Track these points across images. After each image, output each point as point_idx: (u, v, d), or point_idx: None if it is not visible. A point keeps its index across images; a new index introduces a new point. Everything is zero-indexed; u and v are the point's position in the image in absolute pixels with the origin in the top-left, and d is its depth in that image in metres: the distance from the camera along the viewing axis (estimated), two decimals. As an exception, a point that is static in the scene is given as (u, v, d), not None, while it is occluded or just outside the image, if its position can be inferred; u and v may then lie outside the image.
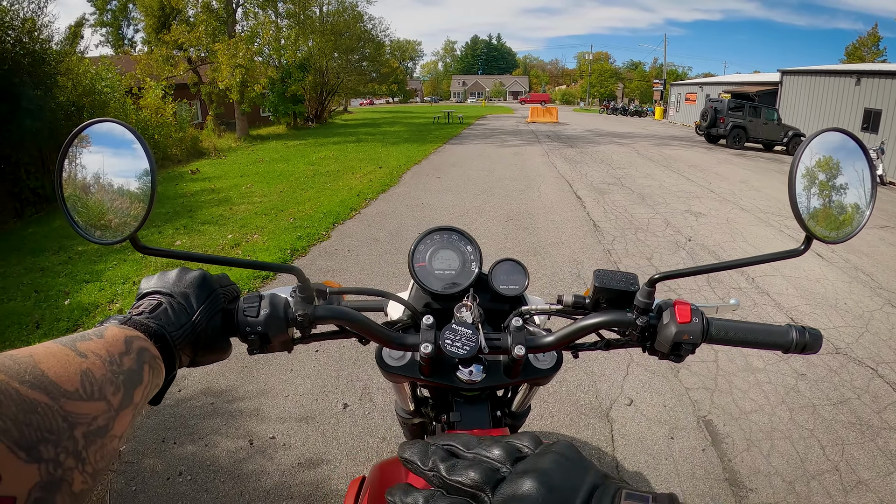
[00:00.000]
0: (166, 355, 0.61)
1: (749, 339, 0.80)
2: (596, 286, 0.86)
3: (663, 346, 0.80)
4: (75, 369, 0.46)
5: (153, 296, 0.68)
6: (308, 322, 0.78)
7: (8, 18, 9.37)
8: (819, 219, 0.71)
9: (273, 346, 0.77)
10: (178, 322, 0.65)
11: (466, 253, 1.04)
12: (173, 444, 2.95)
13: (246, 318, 0.74)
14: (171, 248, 0.69)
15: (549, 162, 14.55)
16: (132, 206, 0.68)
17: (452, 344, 0.79)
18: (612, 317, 0.82)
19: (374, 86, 41.89)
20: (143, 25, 26.97)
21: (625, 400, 3.32)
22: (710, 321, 0.79)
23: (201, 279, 0.70)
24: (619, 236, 6.99)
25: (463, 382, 0.87)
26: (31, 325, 4.53)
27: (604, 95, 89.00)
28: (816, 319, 4.53)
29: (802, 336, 0.79)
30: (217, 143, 19.08)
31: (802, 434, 3.04)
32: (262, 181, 11.54)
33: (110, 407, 0.48)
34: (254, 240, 6.87)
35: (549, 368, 0.92)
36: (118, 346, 0.54)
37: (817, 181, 0.70)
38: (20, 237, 7.77)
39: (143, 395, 0.55)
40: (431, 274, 1.01)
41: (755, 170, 14.60)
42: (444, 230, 1.06)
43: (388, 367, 0.91)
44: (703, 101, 29.85)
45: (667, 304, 0.81)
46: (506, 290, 1.01)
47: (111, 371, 0.50)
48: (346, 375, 3.58)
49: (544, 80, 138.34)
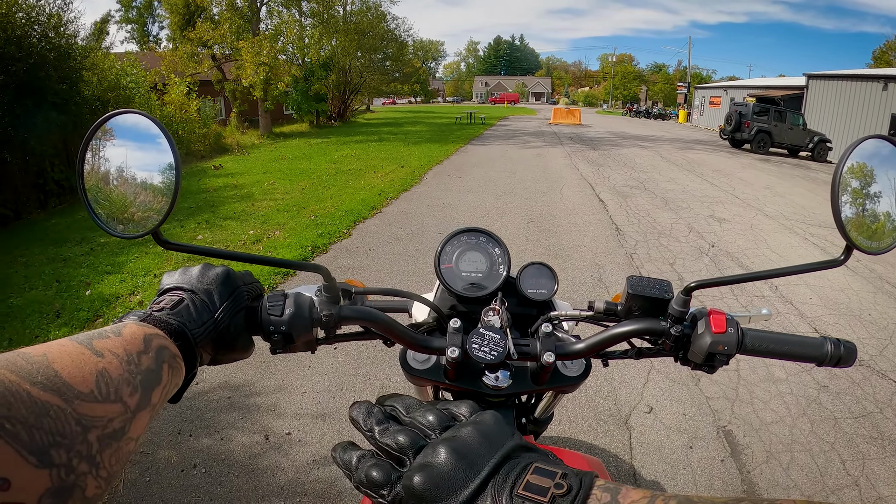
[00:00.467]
0: (187, 353, 0.60)
1: (783, 350, 0.77)
2: (629, 293, 0.84)
3: (697, 356, 0.77)
4: (91, 369, 0.45)
5: (175, 291, 0.66)
6: (333, 323, 0.77)
7: (34, 14, 9.53)
8: (859, 229, 0.68)
9: (297, 345, 0.76)
10: (200, 319, 0.63)
11: (494, 255, 1.02)
12: (189, 437, 2.98)
13: (270, 316, 0.73)
14: (194, 244, 0.68)
15: (571, 164, 14.47)
16: (155, 200, 0.66)
17: (480, 349, 0.77)
18: (645, 325, 0.80)
19: (397, 85, 41.94)
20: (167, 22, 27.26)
21: (644, 407, 3.28)
22: (745, 332, 0.76)
23: (225, 276, 0.69)
24: (642, 241, 6.92)
25: (489, 388, 0.85)
26: (51, 313, 4.59)
27: (627, 98, 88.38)
28: (840, 330, 4.45)
29: (837, 349, 0.76)
30: (240, 139, 19.26)
31: (823, 447, 2.98)
32: (285, 178, 11.61)
33: (126, 409, 0.47)
34: (275, 236, 6.92)
35: (577, 376, 0.90)
36: (136, 344, 0.52)
37: (860, 190, 0.68)
38: (43, 227, 7.91)
39: (161, 395, 0.53)
40: (458, 276, 1.00)
41: (780, 175, 14.40)
42: (471, 231, 1.04)
43: (413, 369, 0.89)
44: (728, 104, 29.49)
45: (701, 313, 0.79)
46: (534, 294, 0.99)
47: (128, 371, 0.49)
48: (363, 374, 3.59)
49: (567, 81, 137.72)
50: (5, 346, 4.05)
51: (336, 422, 3.10)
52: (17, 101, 8.81)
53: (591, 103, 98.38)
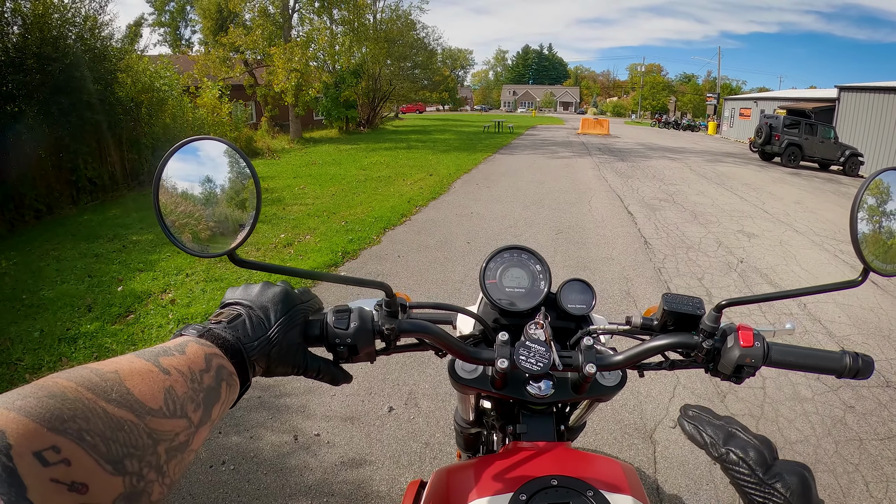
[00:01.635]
0: (241, 368, 0.64)
1: (805, 363, 0.83)
2: (665, 309, 0.90)
3: (726, 367, 0.83)
4: (159, 387, 0.50)
5: (235, 306, 0.71)
6: (394, 335, 0.83)
7: (70, 15, 9.82)
8: (877, 251, 0.74)
9: (360, 356, 0.82)
10: (255, 335, 0.67)
11: (536, 272, 1.09)
12: (219, 434, 3.05)
13: (336, 329, 0.79)
14: (266, 262, 0.74)
15: (599, 175, 14.44)
16: (231, 221, 0.71)
17: (527, 360, 0.82)
18: (679, 339, 0.86)
19: (426, 93, 42.20)
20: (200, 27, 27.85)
21: (669, 422, 3.29)
22: (770, 346, 0.82)
23: (283, 294, 0.73)
24: (671, 255, 6.90)
25: (532, 396, 0.91)
26: (83, 307, 4.72)
27: (655, 108, 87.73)
28: (868, 350, 4.39)
29: (856, 362, 0.82)
30: (271, 143, 19.49)
31: (847, 468, 2.96)
32: (315, 183, 11.77)
33: (191, 424, 0.52)
34: (306, 240, 7.03)
35: (614, 386, 0.96)
36: (199, 363, 0.57)
37: (879, 214, 0.73)
38: (76, 223, 8.11)
39: (220, 411, 0.58)
40: (501, 291, 1.06)
41: (810, 190, 14.20)
42: (514, 249, 1.11)
43: (461, 378, 0.95)
44: (758, 116, 29.09)
45: (730, 328, 0.85)
46: (574, 309, 1.06)
47: (192, 389, 0.54)
48: (392, 379, 3.65)
49: (595, 91, 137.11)
50: (36, 336, 4.19)
51: (364, 425, 3.16)
52: (53, 100, 9.07)
53: (619, 114, 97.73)
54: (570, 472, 0.80)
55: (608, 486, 0.77)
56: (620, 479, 0.80)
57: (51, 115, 9.09)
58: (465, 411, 1.24)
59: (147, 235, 7.02)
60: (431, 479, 0.93)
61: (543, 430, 0.98)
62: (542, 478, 0.78)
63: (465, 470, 0.87)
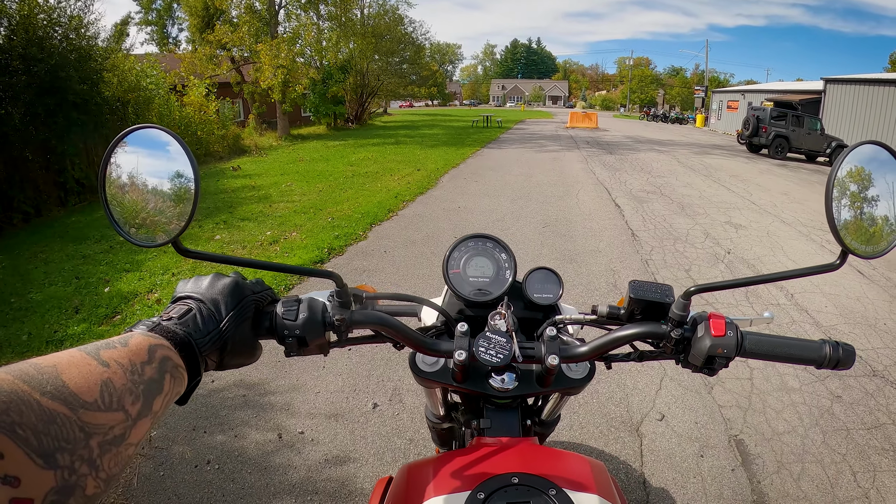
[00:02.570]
0: (191, 362, 0.63)
1: (782, 353, 0.80)
2: (631, 297, 0.86)
3: (697, 358, 0.80)
4: (96, 379, 0.48)
5: (186, 300, 0.69)
6: (345, 327, 0.80)
7: (56, 15, 9.71)
8: (855, 233, 0.70)
9: (310, 349, 0.79)
10: (206, 329, 0.67)
11: (501, 261, 1.05)
12: (203, 433, 3.02)
13: (284, 321, 0.76)
14: (211, 252, 0.72)
15: (587, 168, 14.44)
16: (175, 210, 0.70)
17: (486, 352, 0.79)
18: (646, 328, 0.83)
19: (414, 88, 42.11)
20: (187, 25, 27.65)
21: (656, 415, 3.28)
22: (744, 335, 0.79)
23: (233, 286, 0.72)
24: (658, 246, 6.90)
25: (495, 390, 0.88)
26: (70, 309, 4.67)
27: (644, 101, 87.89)
28: (855, 339, 4.40)
29: (836, 351, 0.78)
30: (258, 141, 19.41)
31: (834, 458, 2.96)
32: (302, 180, 11.70)
33: (128, 417, 0.50)
34: (292, 237, 6.98)
35: (582, 378, 0.93)
36: (141, 354, 0.55)
37: (854, 195, 0.70)
38: (64, 225, 8.03)
39: (162, 403, 0.57)
40: (465, 281, 1.03)
41: (797, 181, 14.26)
42: (478, 237, 1.07)
43: (422, 372, 0.92)
44: (745, 108, 29.24)
45: (701, 316, 0.81)
46: (540, 298, 1.02)
47: (131, 381, 0.52)
48: (377, 375, 3.62)
49: (584, 84, 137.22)
50: (24, 340, 4.14)
51: (349, 422, 3.13)
52: (39, 101, 8.98)
53: (608, 107, 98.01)
54: (533, 469, 0.76)
55: (573, 484, 0.74)
56: (586, 477, 0.77)
57: (37, 116, 9.01)
58: (435, 406, 1.20)
59: (136, 246, 6.93)
60: (397, 475, 0.90)
61: (508, 425, 0.94)
62: (501, 475, 0.75)
63: (425, 467, 0.84)
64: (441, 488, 0.75)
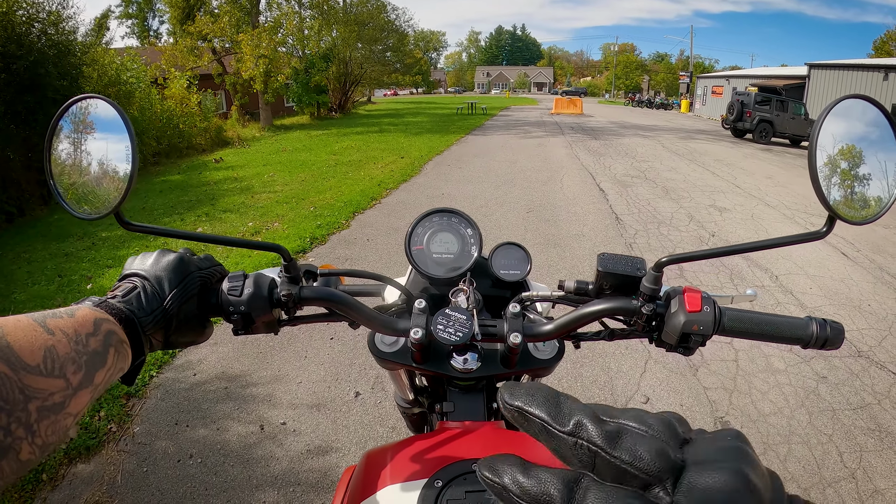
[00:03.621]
0: (135, 340, 0.61)
1: (766, 331, 0.73)
2: (599, 270, 0.80)
3: (671, 336, 0.74)
4: (40, 345, 0.48)
5: (131, 278, 0.68)
6: (293, 303, 0.76)
7: (34, 10, 9.52)
8: (842, 197, 0.64)
9: (257, 326, 0.75)
10: (149, 307, 0.65)
11: (466, 236, 1.00)
12: (186, 427, 2.98)
13: (229, 297, 0.73)
14: (155, 225, 0.69)
15: (572, 154, 14.43)
16: (118, 181, 0.68)
17: (444, 329, 0.75)
18: (615, 304, 0.77)
19: (398, 76, 41.89)
20: (168, 17, 27.28)
21: (641, 398, 3.27)
22: (722, 310, 0.72)
23: (177, 262, 0.69)
24: (642, 230, 6.90)
25: (457, 371, 0.83)
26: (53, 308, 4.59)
27: (629, 87, 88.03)
28: (840, 320, 4.38)
29: (823, 330, 0.72)
30: (241, 132, 19.24)
31: (821, 439, 2.96)
32: (285, 170, 11.60)
33: (69, 385, 0.49)
34: (274, 227, 6.91)
35: (549, 359, 0.88)
36: (86, 326, 0.54)
37: (841, 155, 0.63)
38: (46, 223, 7.91)
39: (105, 377, 0.55)
40: (429, 257, 0.98)
41: (781, 165, 14.33)
42: (442, 212, 1.02)
43: (381, 352, 0.88)
44: (730, 94, 29.40)
45: (675, 291, 0.75)
46: (506, 275, 0.97)
47: (75, 350, 0.51)
48: (359, 364, 3.58)
49: (569, 71, 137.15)
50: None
51: (331, 412, 3.10)
52: (19, 99, 8.82)
53: (593, 93, 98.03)
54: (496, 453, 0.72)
55: None
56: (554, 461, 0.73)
57: (18, 114, 8.84)
58: (402, 390, 1.16)
59: (116, 231, 6.85)
60: (359, 462, 0.86)
61: (472, 409, 0.90)
62: (462, 461, 0.70)
63: (384, 453, 0.79)
64: (397, 475, 0.72)
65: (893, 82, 18.98)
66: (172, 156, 14.33)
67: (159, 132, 14.08)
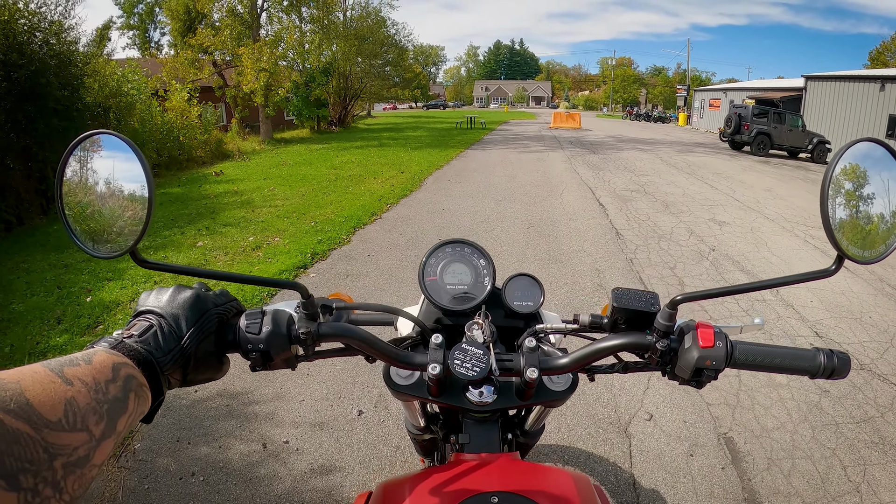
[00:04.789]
0: (154, 381, 0.61)
1: (775, 363, 0.76)
2: (614, 306, 0.82)
3: (684, 371, 0.75)
4: (60, 398, 0.47)
5: (146, 315, 0.67)
6: (311, 340, 0.76)
7: (36, 20, 9.56)
8: (851, 237, 0.66)
9: (276, 363, 0.75)
10: (167, 347, 0.64)
11: (479, 267, 1.01)
12: (187, 445, 2.97)
13: (247, 335, 0.73)
14: (171, 263, 0.69)
15: (571, 168, 14.47)
16: (131, 219, 0.68)
17: (462, 365, 0.75)
18: (630, 339, 0.78)
19: (398, 90, 42.07)
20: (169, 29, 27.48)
21: (644, 415, 3.26)
22: (734, 345, 0.75)
23: (194, 300, 0.69)
24: (642, 245, 6.91)
25: (473, 404, 0.83)
26: (52, 320, 4.59)
27: (627, 101, 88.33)
28: (841, 333, 4.43)
29: (830, 360, 0.74)
30: (241, 145, 19.28)
31: (824, 453, 2.96)
32: (285, 184, 11.61)
33: (92, 437, 0.48)
34: (275, 242, 6.90)
35: (564, 391, 0.88)
36: (105, 372, 0.53)
37: (850, 196, 0.65)
38: (45, 233, 7.91)
39: (126, 423, 0.55)
40: (443, 288, 0.99)
41: (780, 177, 14.38)
42: (456, 243, 1.03)
43: (397, 385, 0.88)
44: (727, 107, 29.57)
45: (689, 326, 0.77)
46: (520, 306, 0.98)
47: (96, 400, 0.50)
48: (362, 382, 3.57)
49: (567, 85, 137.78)
50: (7, 352, 4.05)
51: (334, 430, 3.08)
52: (20, 108, 8.84)
53: (591, 107, 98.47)
54: (513, 486, 0.73)
55: (555, 501, 0.70)
56: (570, 492, 0.74)
57: (18, 123, 8.86)
58: (414, 417, 1.16)
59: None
60: (373, 493, 0.86)
61: (488, 440, 0.90)
62: (480, 495, 0.71)
63: (401, 485, 0.79)
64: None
65: (889, 93, 19.07)
66: (172, 168, 14.37)
67: (159, 144, 14.13)
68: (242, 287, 5.11)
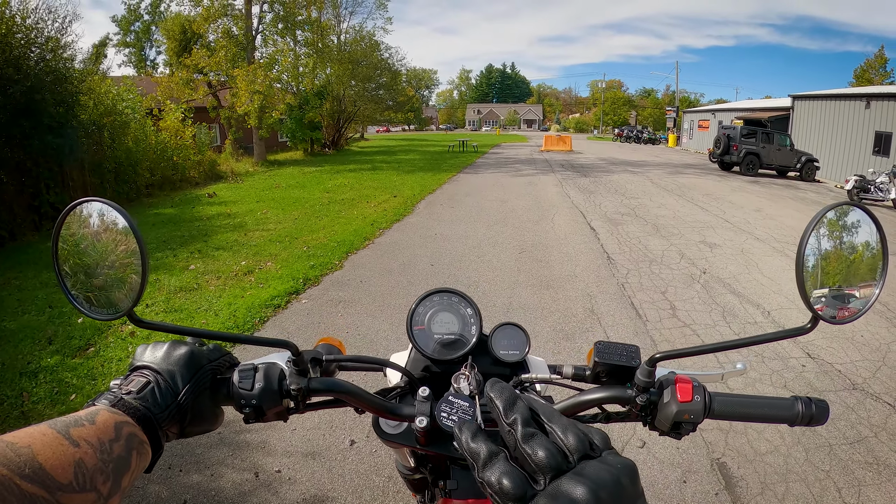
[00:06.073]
0: (153, 436, 0.63)
1: (753, 413, 0.78)
2: (596, 360, 0.85)
3: (663, 423, 0.79)
4: (69, 460, 0.49)
5: (143, 371, 0.69)
6: (302, 395, 0.78)
7: (33, 35, 9.60)
8: (826, 296, 0.69)
9: (268, 417, 0.78)
10: (164, 403, 0.67)
11: (466, 316, 1.02)
12: (179, 472, 2.95)
13: (240, 390, 0.75)
14: (166, 322, 0.71)
15: (562, 192, 14.57)
16: (126, 282, 0.70)
17: (448, 417, 0.77)
18: (612, 393, 0.82)
19: (391, 113, 42.33)
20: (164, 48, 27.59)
21: (637, 442, 3.26)
22: (712, 398, 0.77)
23: (188, 357, 0.72)
24: (633, 269, 6.94)
25: (460, 453, 0.84)
26: (43, 340, 4.58)
27: (617, 123, 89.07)
28: (833, 353, 4.45)
29: (808, 408, 0.77)
30: (235, 167, 19.33)
31: (818, 476, 2.96)
32: (278, 207, 11.64)
33: (100, 496, 0.51)
34: (267, 267, 6.90)
35: None
36: (108, 432, 0.56)
37: (827, 257, 0.68)
38: (37, 250, 7.91)
39: (130, 479, 0.57)
40: (430, 337, 1.00)
41: (769, 197, 14.53)
42: (443, 292, 1.05)
43: (386, 434, 0.90)
44: (716, 127, 29.89)
45: (668, 381, 0.80)
46: (506, 355, 0.99)
47: (102, 460, 0.53)
48: (353, 412, 3.54)
49: (558, 108, 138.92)
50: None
51: (326, 460, 3.07)
52: (14, 123, 8.86)
53: (581, 129, 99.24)
54: None
55: None
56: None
57: (12, 138, 8.89)
58: (404, 459, 1.17)
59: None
60: None
61: (475, 486, 0.91)
62: None
63: None
64: None
65: (875, 110, 19.37)
66: (166, 188, 14.39)
67: (153, 164, 14.16)
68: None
